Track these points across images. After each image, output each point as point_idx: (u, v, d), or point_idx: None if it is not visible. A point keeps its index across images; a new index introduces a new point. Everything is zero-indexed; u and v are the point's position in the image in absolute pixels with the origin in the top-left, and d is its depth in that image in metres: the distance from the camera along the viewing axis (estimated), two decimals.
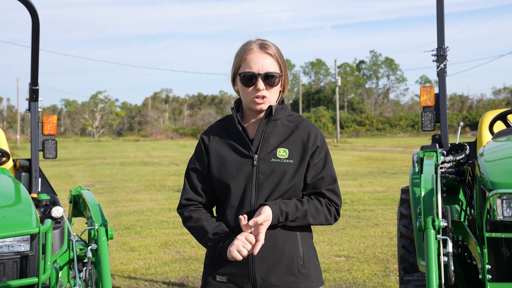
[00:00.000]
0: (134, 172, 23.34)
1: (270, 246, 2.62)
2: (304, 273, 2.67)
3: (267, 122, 2.71)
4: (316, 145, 2.69)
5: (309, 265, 2.70)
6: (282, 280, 2.63)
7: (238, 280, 2.65)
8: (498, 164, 3.85)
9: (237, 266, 2.64)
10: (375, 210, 12.08)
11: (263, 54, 2.70)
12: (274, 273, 2.63)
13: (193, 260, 8.10)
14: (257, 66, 2.68)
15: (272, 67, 2.69)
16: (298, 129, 2.72)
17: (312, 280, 2.70)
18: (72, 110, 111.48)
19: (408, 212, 5.02)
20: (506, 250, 3.42)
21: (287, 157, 2.66)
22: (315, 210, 2.65)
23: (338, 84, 64.49)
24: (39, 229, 3.41)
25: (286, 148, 2.68)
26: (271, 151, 2.67)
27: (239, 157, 2.68)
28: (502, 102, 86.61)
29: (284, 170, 2.64)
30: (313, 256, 2.74)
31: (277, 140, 2.70)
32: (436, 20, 5.22)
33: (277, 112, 2.72)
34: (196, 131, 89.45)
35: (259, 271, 2.62)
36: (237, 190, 2.65)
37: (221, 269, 2.67)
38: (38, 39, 4.95)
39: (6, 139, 5.36)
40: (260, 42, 2.73)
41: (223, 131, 2.77)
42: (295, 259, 2.66)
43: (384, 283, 6.73)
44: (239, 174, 2.66)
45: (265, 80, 2.68)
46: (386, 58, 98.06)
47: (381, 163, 25.31)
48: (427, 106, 5.22)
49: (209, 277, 2.71)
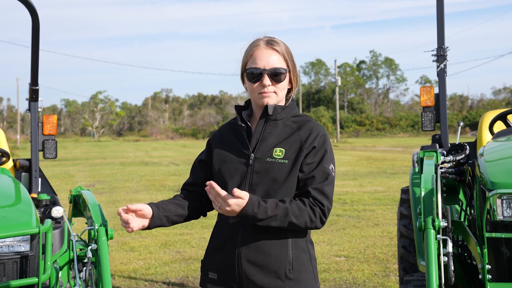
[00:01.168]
0: (134, 172, 23.34)
1: (258, 248, 2.62)
2: (292, 277, 2.63)
3: (265, 121, 2.69)
4: (313, 145, 2.65)
5: (299, 270, 2.65)
6: (267, 283, 2.61)
7: (226, 278, 2.67)
8: (498, 164, 3.86)
9: (226, 265, 2.66)
10: (375, 210, 12.08)
11: (270, 50, 2.69)
12: (260, 275, 2.62)
13: (193, 260, 8.09)
14: (263, 62, 2.67)
15: (278, 63, 2.68)
16: (300, 130, 2.69)
17: (301, 285, 2.65)
18: (72, 110, 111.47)
19: (408, 212, 5.02)
20: (506, 250, 3.42)
21: (282, 157, 2.64)
22: (297, 209, 2.57)
23: (338, 84, 64.51)
24: (39, 229, 3.41)
25: (283, 148, 2.66)
26: (268, 150, 2.66)
27: (237, 156, 2.69)
28: (502, 102, 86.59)
29: (278, 170, 2.62)
30: (306, 261, 2.68)
31: (275, 140, 2.68)
32: (436, 20, 5.23)
33: (276, 112, 2.70)
34: (196, 131, 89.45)
35: (245, 271, 2.62)
36: (232, 188, 2.63)
37: (213, 265, 2.71)
38: (38, 39, 4.94)
39: (6, 139, 5.36)
40: (267, 39, 2.73)
41: (230, 129, 2.79)
42: (283, 263, 2.62)
43: (384, 283, 6.73)
44: (236, 172, 2.67)
45: (271, 76, 2.66)
46: (386, 58, 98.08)
47: (381, 163, 25.31)
48: (427, 106, 5.22)
49: (203, 273, 2.76)
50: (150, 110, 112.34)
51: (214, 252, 2.72)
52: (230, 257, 2.65)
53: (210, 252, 2.75)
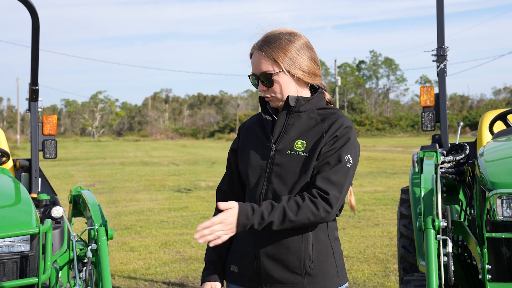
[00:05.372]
0: (134, 172, 23.34)
1: (278, 242, 2.57)
2: (312, 273, 2.57)
3: (288, 113, 2.63)
4: (335, 135, 2.54)
5: (320, 266, 2.58)
6: (286, 278, 2.57)
7: (246, 272, 2.63)
8: (498, 164, 3.85)
9: (246, 259, 2.63)
10: (375, 210, 12.08)
11: (258, 54, 2.62)
12: (279, 270, 2.57)
13: (193, 260, 8.09)
14: (255, 67, 2.64)
15: (266, 67, 2.60)
16: (324, 122, 2.60)
17: (321, 281, 2.58)
18: (72, 110, 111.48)
19: (408, 212, 5.02)
20: (506, 250, 3.42)
21: (303, 150, 2.56)
22: (295, 206, 2.47)
23: (338, 84, 64.55)
24: (39, 229, 3.41)
25: (304, 140, 2.58)
26: (289, 143, 2.60)
27: (260, 148, 2.65)
28: (502, 102, 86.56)
29: (298, 163, 2.55)
30: (328, 256, 2.60)
31: (297, 132, 2.61)
32: (436, 20, 5.22)
33: (299, 103, 2.62)
34: (196, 131, 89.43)
35: (264, 266, 2.58)
36: (252, 181, 2.62)
37: (234, 259, 2.69)
38: (38, 39, 4.94)
39: (6, 139, 5.36)
40: (262, 39, 2.65)
41: (257, 120, 2.74)
42: (303, 258, 2.56)
43: (384, 283, 6.73)
44: (256, 164, 2.63)
45: (262, 80, 2.63)
46: (386, 58, 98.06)
47: (381, 163, 25.30)
48: (427, 106, 5.21)
49: (226, 266, 2.73)
50: (150, 110, 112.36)
51: (235, 245, 2.70)
52: (249, 251, 2.62)
53: (234, 245, 2.72)
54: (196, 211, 12.63)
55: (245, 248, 2.64)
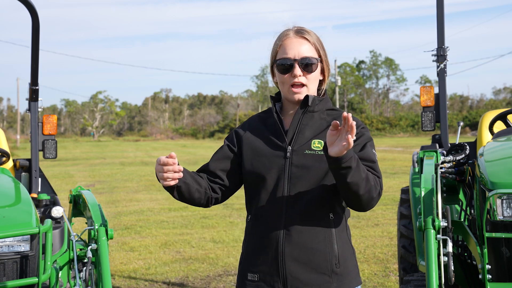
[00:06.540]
0: (134, 172, 23.34)
1: (303, 244, 2.52)
2: (339, 272, 2.54)
3: (303, 113, 2.60)
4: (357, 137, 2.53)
5: (345, 265, 2.57)
6: (313, 279, 2.52)
7: (268, 278, 2.56)
8: (498, 164, 3.86)
9: (268, 264, 2.56)
10: (375, 210, 12.07)
11: (300, 39, 2.60)
12: (306, 272, 2.52)
13: (193, 260, 8.10)
14: (293, 51, 2.58)
15: (309, 53, 2.59)
16: None
17: (347, 280, 2.57)
18: (72, 110, 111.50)
19: (408, 212, 5.02)
20: (506, 250, 3.42)
21: (321, 149, 2.52)
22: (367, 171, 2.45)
23: (338, 84, 64.54)
24: (39, 229, 3.41)
25: (321, 139, 2.55)
26: (305, 143, 2.56)
27: (273, 149, 2.59)
28: (502, 102, 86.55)
29: (318, 162, 2.52)
30: (350, 255, 2.60)
31: (312, 132, 2.58)
32: (436, 20, 5.22)
33: (314, 103, 2.61)
34: (196, 131, 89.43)
35: (289, 269, 2.52)
36: (270, 183, 2.56)
37: (253, 267, 2.60)
38: (38, 39, 4.95)
39: (6, 139, 5.36)
40: (297, 28, 2.64)
41: (261, 122, 2.69)
42: (329, 257, 2.53)
43: (384, 283, 6.73)
44: (272, 166, 2.56)
45: (302, 66, 2.58)
46: (386, 58, 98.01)
47: (381, 163, 25.29)
48: (427, 106, 5.21)
49: (242, 275, 2.64)
50: (150, 110, 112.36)
51: (253, 253, 2.61)
52: (272, 256, 2.55)
53: (248, 253, 2.64)
54: (196, 211, 12.63)
55: (265, 254, 2.57)
